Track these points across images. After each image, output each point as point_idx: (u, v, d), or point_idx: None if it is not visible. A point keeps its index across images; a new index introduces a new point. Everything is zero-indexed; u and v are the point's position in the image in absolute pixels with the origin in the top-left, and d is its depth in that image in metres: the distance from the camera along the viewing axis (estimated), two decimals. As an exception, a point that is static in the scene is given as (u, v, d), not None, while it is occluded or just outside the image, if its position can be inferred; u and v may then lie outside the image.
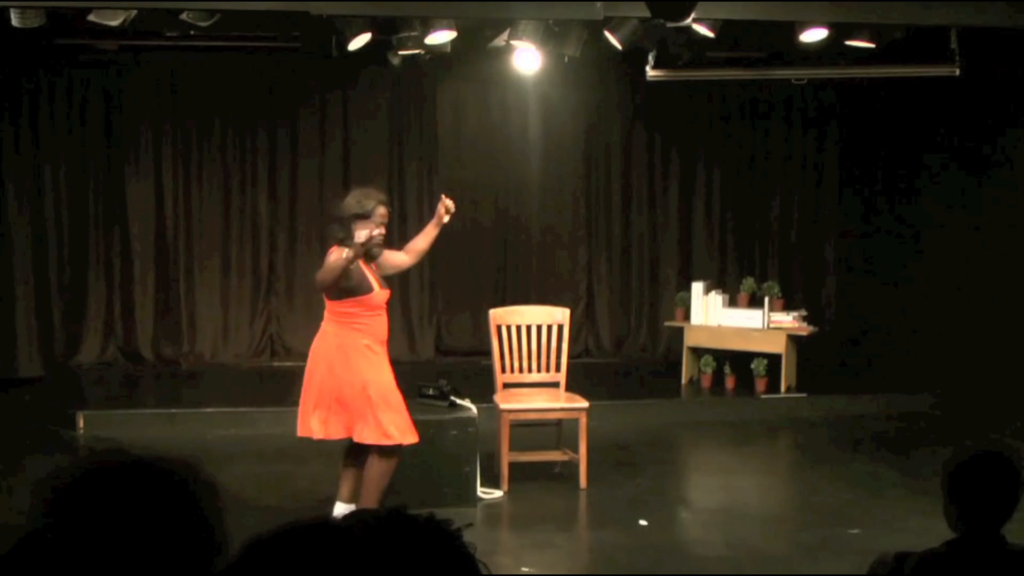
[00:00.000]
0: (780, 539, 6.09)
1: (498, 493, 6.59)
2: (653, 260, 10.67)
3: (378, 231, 5.54)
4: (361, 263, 5.56)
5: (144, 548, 1.44)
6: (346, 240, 5.51)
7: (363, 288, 5.58)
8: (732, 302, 9.37)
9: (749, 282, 9.40)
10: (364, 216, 5.57)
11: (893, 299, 10.13)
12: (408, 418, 5.68)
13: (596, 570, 5.74)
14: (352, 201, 5.64)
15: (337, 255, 5.48)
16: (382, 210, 5.63)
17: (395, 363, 9.81)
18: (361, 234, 5.43)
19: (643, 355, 10.57)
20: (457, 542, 1.37)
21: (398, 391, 5.69)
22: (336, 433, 5.66)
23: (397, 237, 10.34)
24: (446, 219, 5.93)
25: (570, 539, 6.15)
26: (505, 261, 10.48)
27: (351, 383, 5.57)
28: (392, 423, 5.58)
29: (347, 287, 5.53)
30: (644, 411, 8.67)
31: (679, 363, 9.50)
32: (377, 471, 5.59)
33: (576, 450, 6.71)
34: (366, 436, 5.57)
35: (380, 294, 5.66)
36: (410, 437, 5.67)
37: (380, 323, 5.68)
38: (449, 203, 5.90)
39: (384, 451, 5.59)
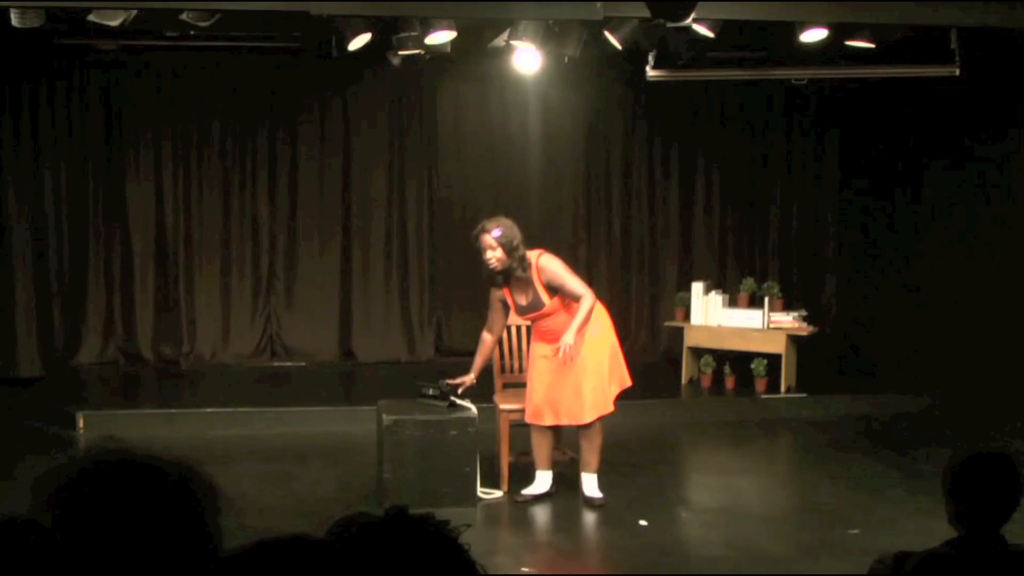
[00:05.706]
0: (780, 539, 6.09)
1: (498, 493, 6.58)
2: (653, 260, 10.66)
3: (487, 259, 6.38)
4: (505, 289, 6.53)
5: (140, 547, 1.43)
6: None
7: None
8: (732, 302, 9.36)
9: (749, 282, 9.40)
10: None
11: (893, 299, 10.12)
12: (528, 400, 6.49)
13: (596, 570, 5.74)
14: None
15: None
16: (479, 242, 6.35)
17: (395, 363, 10.12)
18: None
19: (643, 355, 10.55)
20: (454, 542, 1.37)
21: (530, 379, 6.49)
22: None
23: (398, 238, 10.43)
24: None
25: (570, 539, 6.14)
26: (505, 261, 10.45)
27: None
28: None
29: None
30: (644, 411, 8.62)
31: (679, 363, 9.50)
32: None
33: (576, 450, 6.71)
34: None
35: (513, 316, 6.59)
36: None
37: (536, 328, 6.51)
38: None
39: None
